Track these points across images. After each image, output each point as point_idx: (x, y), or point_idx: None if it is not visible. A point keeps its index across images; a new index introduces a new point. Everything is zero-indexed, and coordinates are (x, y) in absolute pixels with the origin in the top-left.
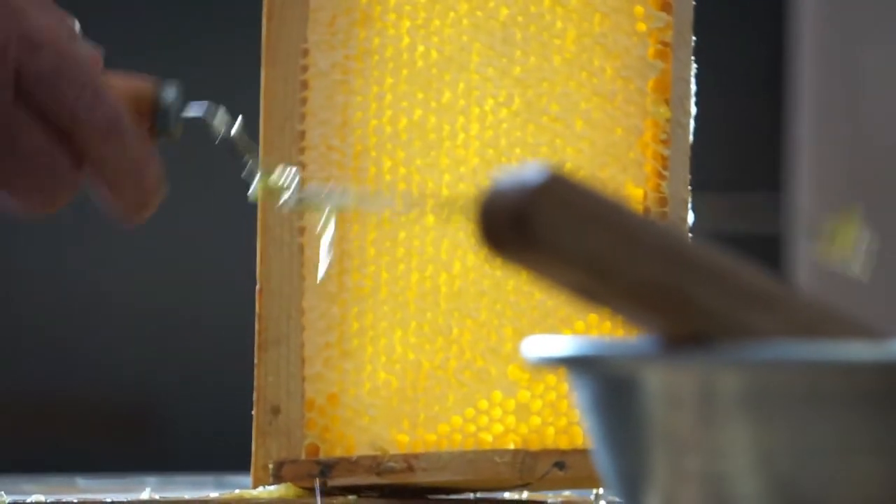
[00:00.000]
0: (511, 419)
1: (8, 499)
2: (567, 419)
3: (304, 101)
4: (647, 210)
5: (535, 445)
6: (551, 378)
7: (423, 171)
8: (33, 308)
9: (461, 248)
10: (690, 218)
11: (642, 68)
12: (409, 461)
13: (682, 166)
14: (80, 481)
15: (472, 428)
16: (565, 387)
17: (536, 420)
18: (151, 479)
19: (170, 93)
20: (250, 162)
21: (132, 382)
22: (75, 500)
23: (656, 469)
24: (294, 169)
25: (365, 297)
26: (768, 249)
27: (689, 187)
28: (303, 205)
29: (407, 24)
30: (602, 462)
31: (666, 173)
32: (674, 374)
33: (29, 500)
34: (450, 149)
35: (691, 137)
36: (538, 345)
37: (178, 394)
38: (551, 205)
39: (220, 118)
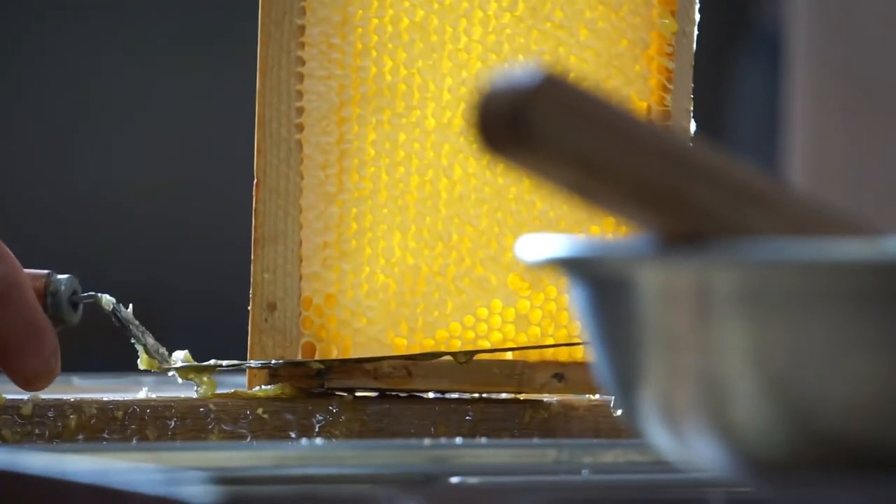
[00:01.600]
0: (510, 328)
1: (6, 397)
2: (567, 331)
3: None
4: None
5: (533, 356)
6: (552, 289)
7: (424, 72)
8: (29, 208)
9: (462, 153)
10: (693, 128)
11: None
12: (408, 367)
13: (686, 77)
14: (77, 380)
15: (471, 335)
16: (566, 298)
17: (536, 331)
18: (148, 379)
19: (60, 282)
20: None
21: (128, 281)
22: (72, 399)
23: (652, 368)
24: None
25: (364, 199)
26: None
27: (692, 96)
28: (185, 375)
29: None
30: (598, 363)
31: (670, 86)
32: (669, 272)
33: (26, 398)
34: (452, 52)
35: (694, 46)
36: (532, 245)
37: (174, 292)
38: (547, 104)
39: (106, 301)
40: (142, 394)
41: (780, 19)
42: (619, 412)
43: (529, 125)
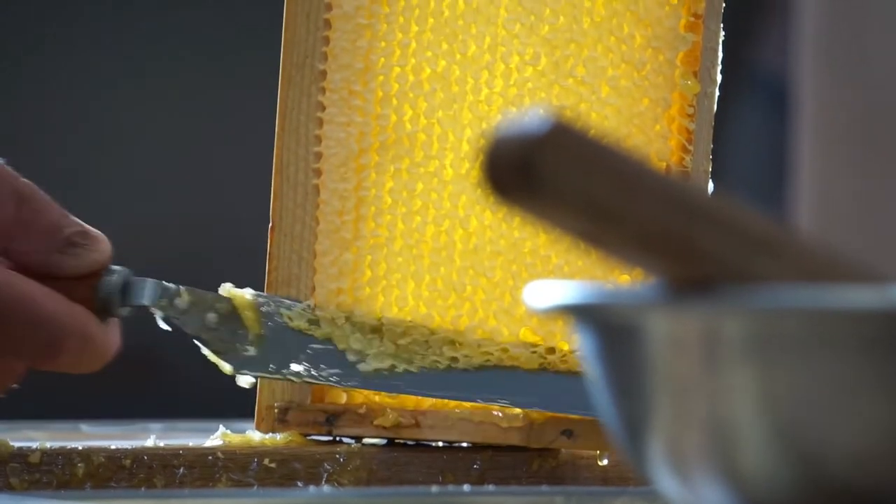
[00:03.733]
0: None
1: (14, 445)
2: None
3: (326, 41)
4: None
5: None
6: (563, 344)
7: (444, 123)
8: None
9: (479, 205)
10: (710, 188)
11: (673, 40)
12: (417, 417)
13: (706, 138)
14: (85, 427)
15: None
16: (577, 356)
17: None
18: (156, 426)
19: (113, 280)
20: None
21: (136, 326)
22: (80, 447)
23: (660, 415)
24: None
25: (379, 247)
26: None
27: (711, 157)
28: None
29: None
30: (606, 409)
31: (690, 147)
32: (678, 319)
33: (34, 446)
34: (473, 103)
35: (715, 107)
36: (541, 291)
37: (183, 338)
38: (556, 151)
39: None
40: (150, 441)
41: (785, 64)
42: (603, 461)
43: (538, 171)
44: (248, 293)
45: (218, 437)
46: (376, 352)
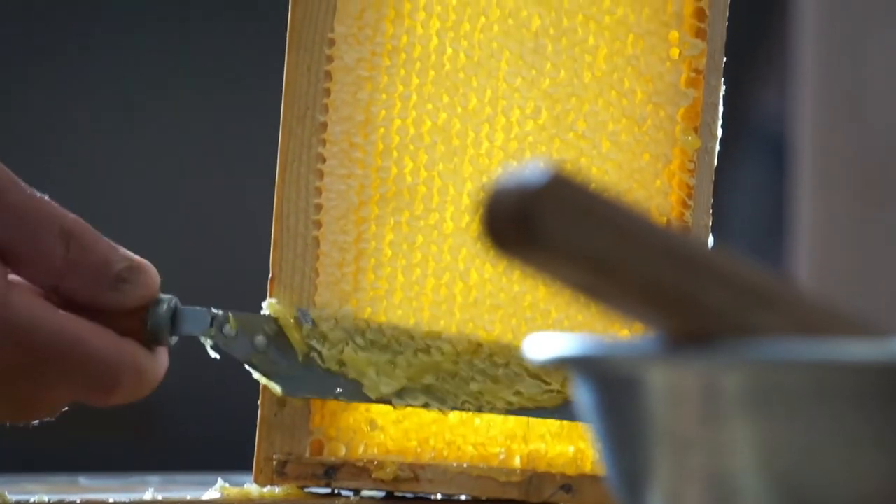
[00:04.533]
0: (519, 441)
1: (11, 498)
2: (576, 444)
3: (327, 93)
4: None
5: (542, 465)
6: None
7: (444, 176)
8: None
9: (479, 258)
10: (711, 242)
11: (674, 95)
12: (415, 471)
13: (706, 193)
14: (83, 480)
15: (481, 439)
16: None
17: (545, 438)
18: (154, 479)
19: (162, 310)
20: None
21: None
22: (78, 500)
23: (660, 468)
24: None
25: (379, 299)
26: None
27: (711, 211)
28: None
29: (437, 24)
30: (605, 462)
31: (691, 202)
32: (677, 372)
33: (32, 500)
34: (473, 156)
35: (716, 161)
36: (540, 343)
37: (181, 391)
38: (555, 203)
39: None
40: (148, 495)
41: (785, 116)
42: None
43: (537, 224)
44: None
45: (216, 490)
46: (405, 387)
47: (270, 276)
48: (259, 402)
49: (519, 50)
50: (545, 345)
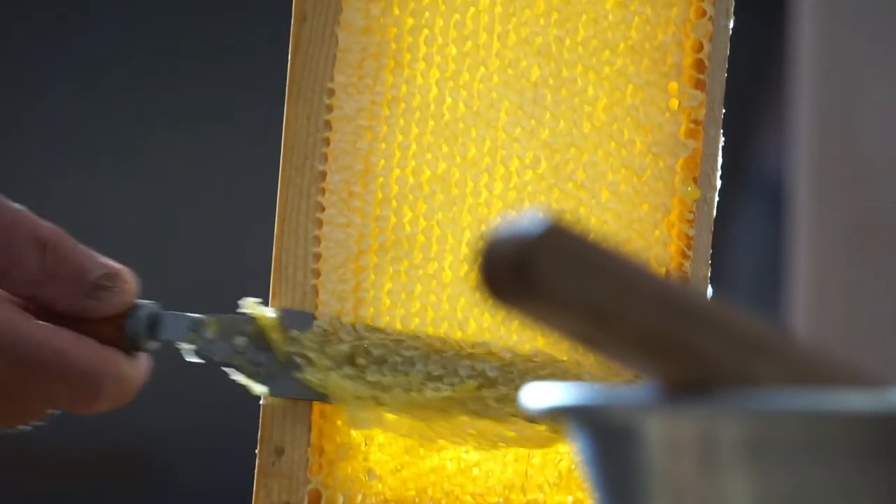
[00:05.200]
0: (516, 492)
1: None
2: (574, 494)
3: (326, 142)
4: None
5: None
6: (563, 448)
7: (443, 225)
8: None
9: (478, 308)
10: (710, 293)
11: (673, 146)
12: None
13: (705, 243)
14: None
15: (479, 489)
16: (574, 460)
17: (544, 489)
18: None
19: (141, 316)
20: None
21: (129, 429)
22: None
23: None
24: None
25: None
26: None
27: (710, 261)
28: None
29: (436, 74)
30: None
31: (690, 253)
32: (674, 422)
33: None
34: (472, 206)
35: (714, 212)
36: (537, 393)
37: (183, 430)
38: (551, 253)
39: (186, 350)
40: None
41: (782, 165)
42: None
43: (533, 274)
44: (271, 312)
45: None
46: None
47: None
48: (257, 451)
49: (518, 100)
50: (542, 394)
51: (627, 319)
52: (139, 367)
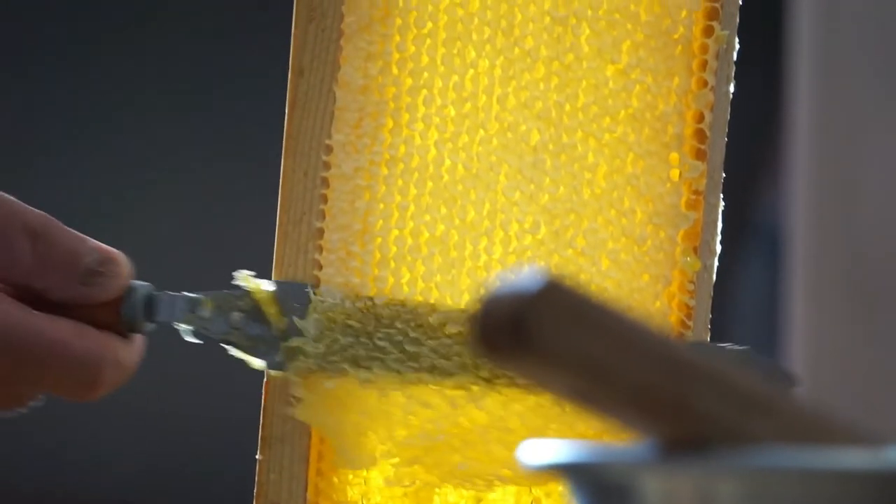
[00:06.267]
0: None
1: None
2: None
3: (324, 199)
4: None
5: None
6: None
7: (442, 287)
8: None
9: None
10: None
11: (674, 217)
12: None
13: (705, 309)
14: None
15: None
16: None
17: None
18: None
19: (136, 299)
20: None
21: (132, 471)
22: None
23: None
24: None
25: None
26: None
27: (709, 326)
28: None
29: (435, 135)
30: None
31: (690, 323)
32: (671, 480)
33: None
34: (471, 269)
35: (714, 278)
36: (534, 450)
37: (179, 484)
38: (548, 310)
39: (184, 330)
40: None
41: (781, 219)
42: None
43: (530, 330)
44: (266, 285)
45: None
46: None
47: (265, 379)
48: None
49: (518, 164)
50: (539, 451)
51: (624, 376)
52: (135, 350)
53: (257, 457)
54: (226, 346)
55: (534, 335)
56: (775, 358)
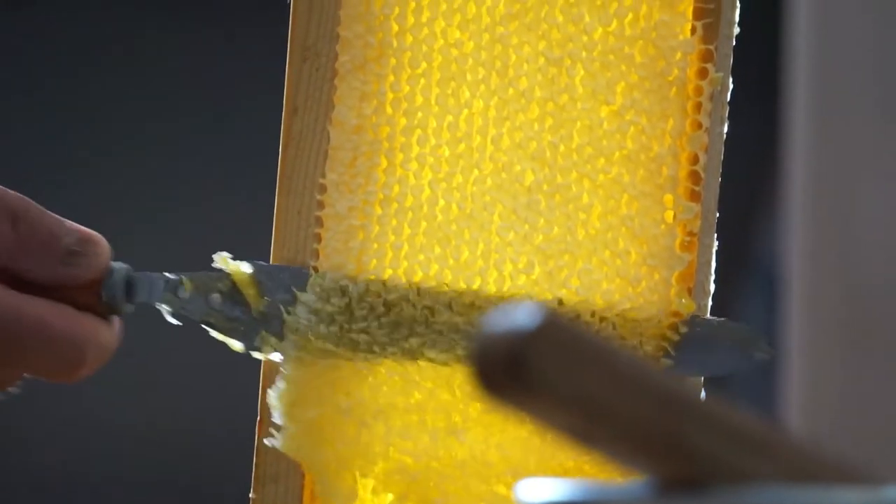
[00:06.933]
0: None
1: None
2: None
3: (317, 238)
4: None
5: None
6: None
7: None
8: (27, 441)
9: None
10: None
11: (669, 259)
12: None
13: None
14: None
15: None
16: None
17: None
18: None
19: (116, 280)
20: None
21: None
22: None
23: None
24: None
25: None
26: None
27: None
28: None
29: (429, 175)
30: None
31: None
32: None
33: None
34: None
35: (708, 315)
36: (531, 489)
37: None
38: (546, 348)
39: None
40: None
41: (777, 253)
42: None
43: (528, 368)
44: (245, 267)
45: None
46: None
47: (258, 418)
48: None
49: (512, 204)
50: (537, 489)
51: (621, 413)
52: (115, 331)
53: (251, 495)
54: (205, 328)
55: (532, 373)
56: (773, 397)
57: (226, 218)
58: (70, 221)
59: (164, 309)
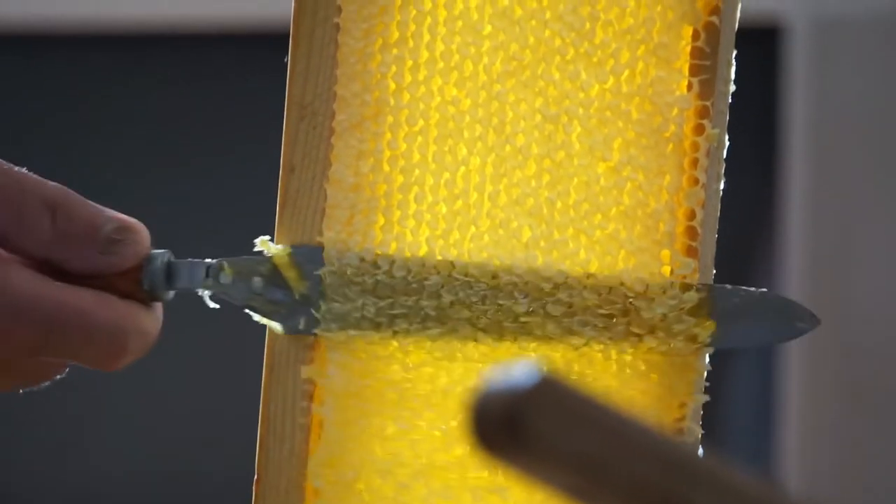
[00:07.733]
0: None
1: None
2: None
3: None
4: None
5: None
6: None
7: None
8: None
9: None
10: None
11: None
12: None
13: (696, 409)
14: None
15: None
16: None
17: None
18: None
19: (156, 267)
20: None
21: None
22: None
23: None
24: None
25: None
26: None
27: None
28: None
29: (426, 232)
30: None
31: (683, 418)
32: None
33: None
34: (462, 355)
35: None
36: None
37: None
38: (544, 407)
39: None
40: None
41: None
42: None
43: (526, 427)
44: (285, 250)
45: None
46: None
47: (256, 477)
48: None
49: (509, 261)
50: None
51: (621, 473)
52: (156, 317)
53: None
54: (248, 312)
55: (530, 432)
56: (770, 458)
57: None
58: (109, 210)
59: (205, 294)
